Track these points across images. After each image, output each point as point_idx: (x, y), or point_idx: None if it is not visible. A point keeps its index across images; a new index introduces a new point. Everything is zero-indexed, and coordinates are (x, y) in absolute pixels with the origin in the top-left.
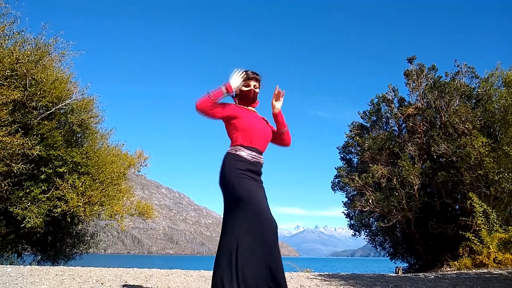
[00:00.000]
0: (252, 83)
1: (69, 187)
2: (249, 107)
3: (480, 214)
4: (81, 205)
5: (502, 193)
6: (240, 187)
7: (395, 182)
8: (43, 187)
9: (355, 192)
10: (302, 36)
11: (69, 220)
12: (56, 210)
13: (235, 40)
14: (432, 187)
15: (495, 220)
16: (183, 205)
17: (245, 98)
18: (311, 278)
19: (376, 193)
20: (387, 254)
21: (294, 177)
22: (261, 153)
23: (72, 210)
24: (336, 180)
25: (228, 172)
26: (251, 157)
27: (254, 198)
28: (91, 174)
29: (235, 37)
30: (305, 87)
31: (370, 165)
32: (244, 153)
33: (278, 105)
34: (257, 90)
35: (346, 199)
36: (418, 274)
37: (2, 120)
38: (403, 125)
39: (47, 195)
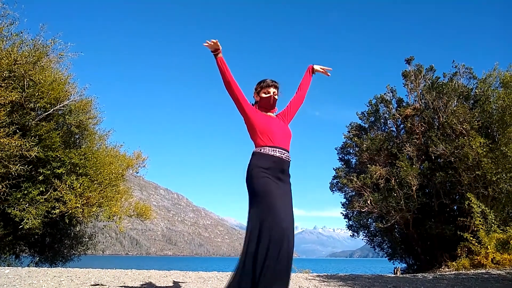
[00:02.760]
0: (272, 90)
1: (67, 188)
2: (268, 113)
3: (478, 215)
4: (79, 206)
5: (500, 193)
6: (258, 186)
7: (393, 183)
8: (41, 189)
9: (354, 193)
10: (299, 35)
11: (67, 222)
12: (54, 212)
13: (233, 39)
14: (430, 187)
15: (493, 221)
16: (182, 206)
17: (265, 104)
18: (309, 279)
19: (375, 194)
20: (386, 255)
21: (292, 177)
22: (286, 151)
23: (70, 211)
24: (335, 181)
25: (252, 170)
26: (276, 153)
27: (268, 196)
28: (89, 175)
29: (233, 36)
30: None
31: (368, 165)
32: (269, 151)
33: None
34: (276, 97)
35: (345, 199)
36: (417, 274)
37: (0, 121)
38: (401, 125)
39: (45, 197)
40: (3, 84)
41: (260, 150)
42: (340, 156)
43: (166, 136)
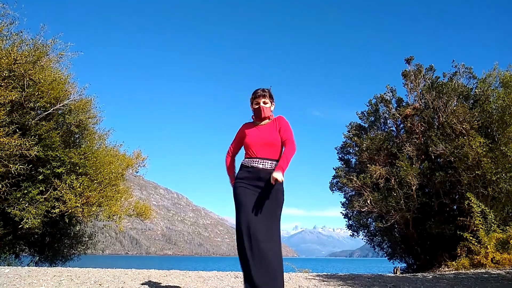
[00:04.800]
0: (261, 100)
1: (67, 188)
2: (262, 123)
3: (478, 214)
4: (79, 205)
5: (500, 193)
6: (234, 194)
7: (393, 183)
8: (41, 188)
9: (353, 193)
10: (298, 36)
11: (67, 221)
12: (54, 211)
13: (233, 39)
14: (430, 187)
15: (493, 220)
16: (182, 206)
17: (256, 114)
18: (309, 279)
19: (374, 194)
20: (386, 255)
21: (292, 177)
22: (265, 159)
23: (70, 211)
24: (335, 181)
25: (235, 181)
26: (248, 164)
27: (240, 205)
28: (89, 175)
29: (233, 36)
30: (301, 87)
31: (368, 165)
32: (243, 163)
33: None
34: (266, 106)
35: (345, 199)
36: (416, 274)
37: (0, 120)
38: (401, 125)
39: (45, 196)
40: (3, 84)
41: (242, 162)
42: (340, 155)
43: (166, 135)
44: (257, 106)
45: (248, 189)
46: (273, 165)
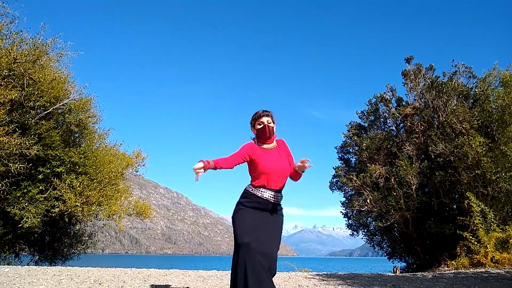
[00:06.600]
0: (264, 119)
1: (67, 187)
2: (265, 145)
3: (478, 214)
4: (79, 205)
5: (500, 192)
6: (236, 221)
7: (393, 182)
8: (40, 187)
9: (353, 192)
10: (297, 35)
11: (67, 220)
12: (54, 210)
13: (232, 39)
14: (430, 186)
15: (493, 220)
16: (181, 205)
17: (262, 135)
18: (309, 278)
19: (374, 193)
20: (385, 254)
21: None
22: (277, 191)
23: (70, 210)
24: (334, 180)
25: (236, 206)
26: (262, 196)
27: (242, 232)
28: (89, 174)
29: (232, 36)
30: (300, 87)
31: (368, 164)
32: (253, 192)
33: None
34: (271, 125)
35: (344, 198)
36: (416, 273)
37: (0, 120)
38: (401, 125)
39: (45, 195)
40: (2, 83)
41: (250, 190)
42: (340, 155)
43: (166, 134)
44: (261, 126)
45: (253, 215)
46: (278, 198)
